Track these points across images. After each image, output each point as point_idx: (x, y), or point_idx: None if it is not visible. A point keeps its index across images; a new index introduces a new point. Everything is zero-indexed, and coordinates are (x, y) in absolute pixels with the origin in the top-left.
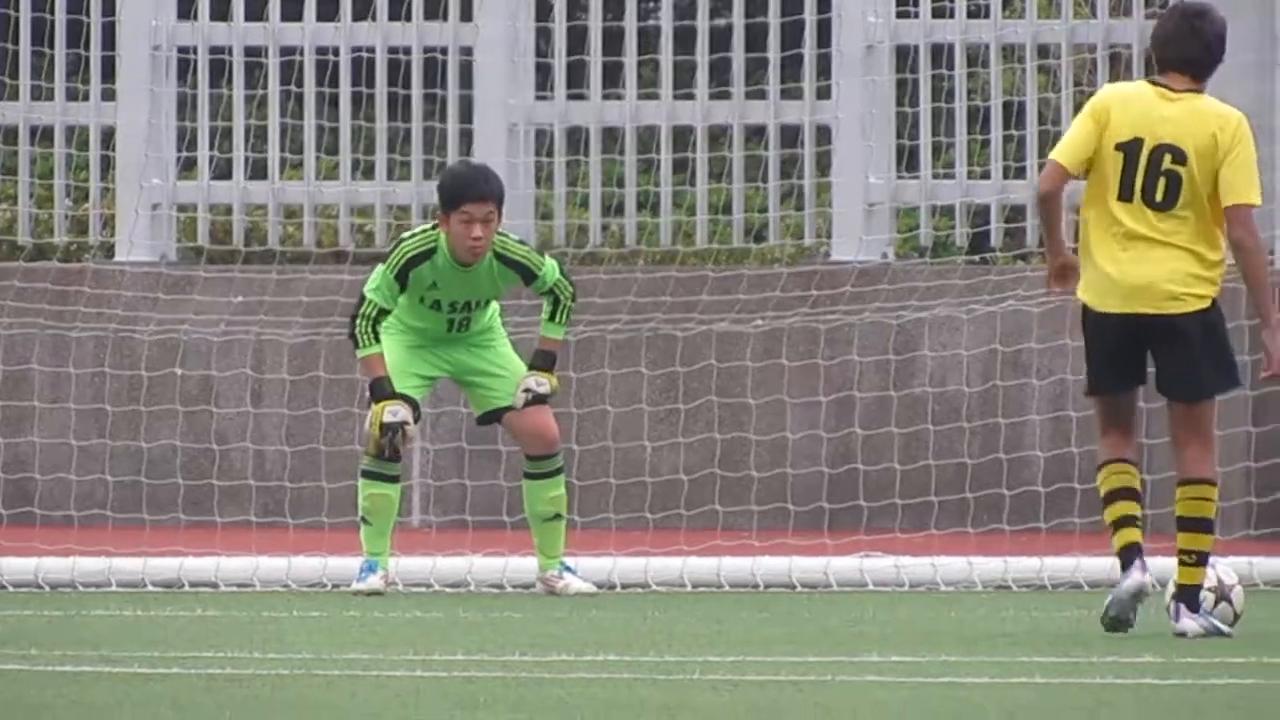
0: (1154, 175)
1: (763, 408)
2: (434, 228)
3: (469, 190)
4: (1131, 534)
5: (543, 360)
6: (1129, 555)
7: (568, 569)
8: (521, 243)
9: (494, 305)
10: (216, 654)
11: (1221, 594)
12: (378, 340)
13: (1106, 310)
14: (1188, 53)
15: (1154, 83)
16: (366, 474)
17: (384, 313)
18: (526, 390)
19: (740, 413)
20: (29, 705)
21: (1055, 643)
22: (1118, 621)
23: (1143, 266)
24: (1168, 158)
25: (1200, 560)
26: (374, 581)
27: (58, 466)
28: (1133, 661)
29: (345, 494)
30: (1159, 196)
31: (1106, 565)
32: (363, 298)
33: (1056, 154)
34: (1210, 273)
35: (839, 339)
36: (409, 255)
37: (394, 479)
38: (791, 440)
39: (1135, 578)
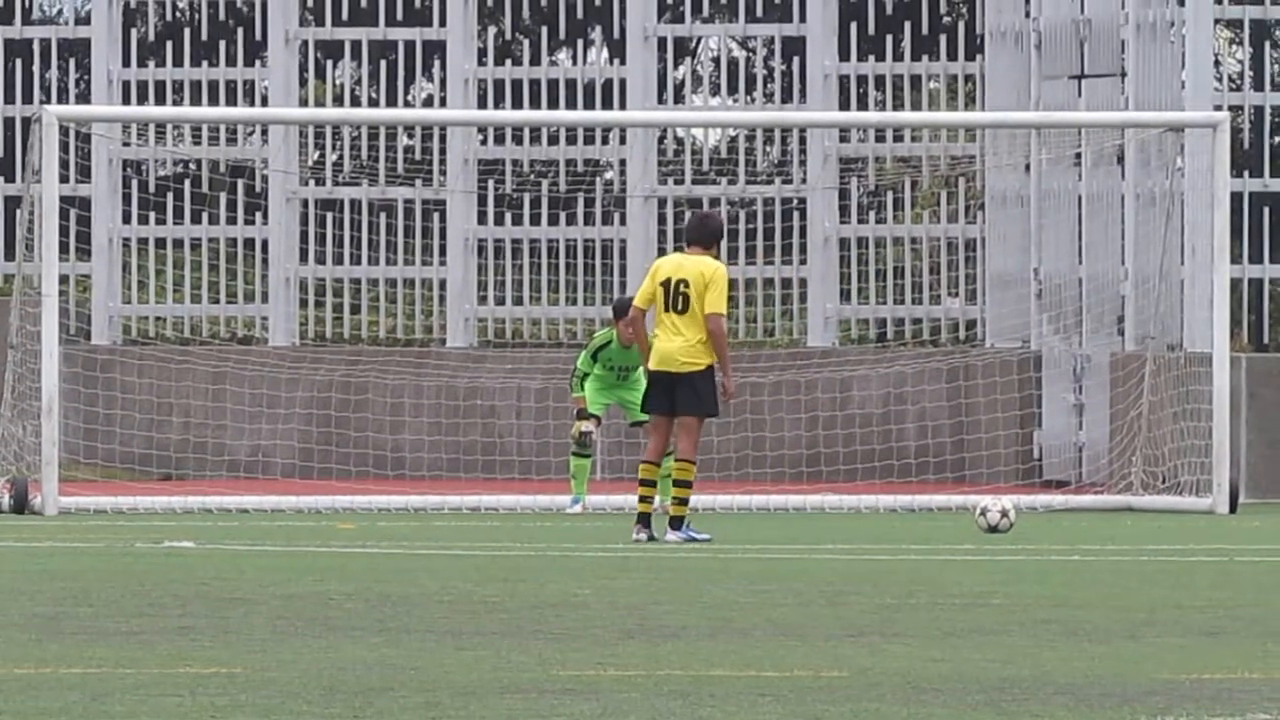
0: (678, 296)
1: (773, 421)
2: (609, 329)
3: (626, 309)
4: (645, 502)
5: None
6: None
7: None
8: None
9: (640, 368)
10: (493, 542)
11: (1006, 512)
12: (582, 387)
13: (655, 369)
14: (699, 238)
15: (682, 250)
16: (574, 452)
17: (586, 374)
18: None
19: (758, 423)
20: (397, 568)
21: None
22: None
23: (669, 345)
24: (683, 285)
25: (683, 502)
26: (577, 509)
27: (415, 447)
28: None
29: (563, 463)
30: (679, 306)
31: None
32: (575, 365)
33: (636, 300)
34: (703, 347)
35: (811, 383)
36: (599, 344)
37: (588, 455)
38: (787, 436)
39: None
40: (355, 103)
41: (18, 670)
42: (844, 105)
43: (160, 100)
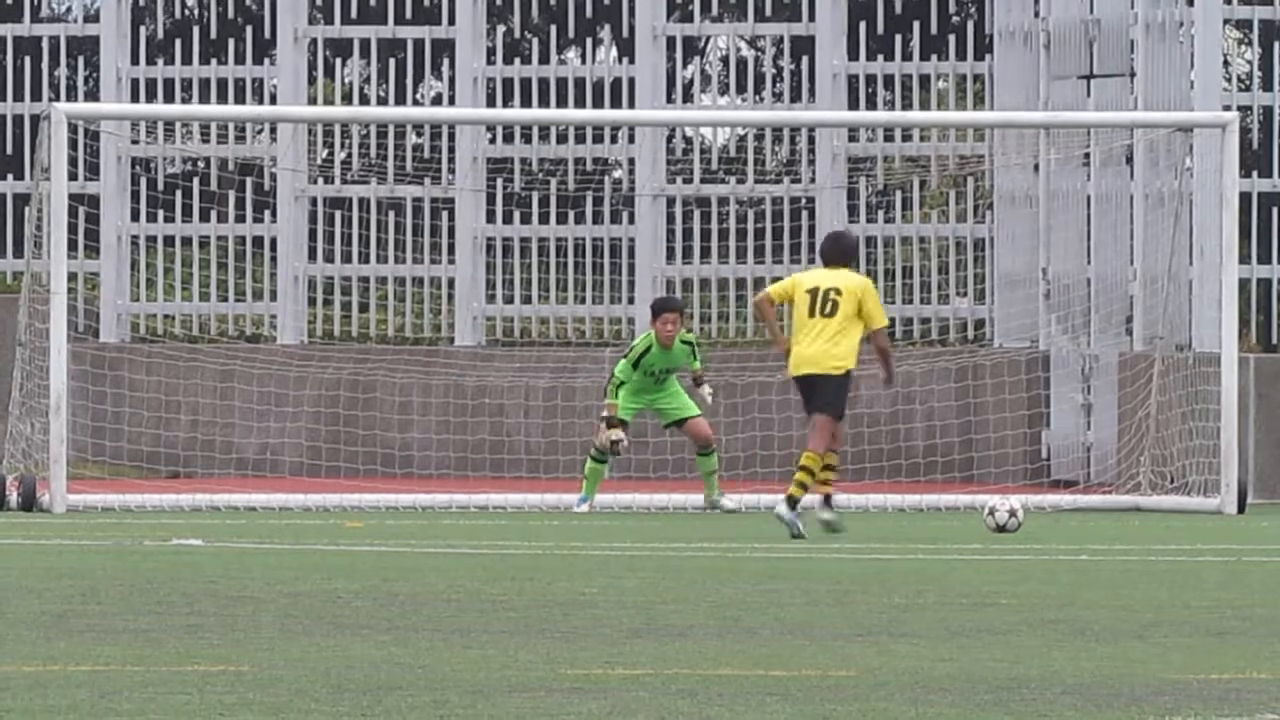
0: (827, 301)
1: (782, 420)
2: (647, 335)
3: (664, 307)
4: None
5: (703, 377)
6: (792, 499)
7: (721, 496)
8: (690, 333)
9: (675, 374)
10: (501, 540)
11: (1014, 512)
12: (617, 395)
13: (797, 374)
14: (835, 256)
15: (825, 267)
16: (593, 457)
17: (623, 382)
18: (709, 393)
19: (766, 422)
20: (405, 567)
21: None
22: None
23: (812, 349)
24: (833, 293)
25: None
26: (584, 508)
27: (424, 445)
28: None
29: (574, 463)
30: (827, 310)
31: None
32: (613, 374)
33: (770, 291)
34: (847, 352)
35: None
36: (640, 351)
37: (604, 461)
38: (795, 436)
39: (788, 515)
40: (364, 101)
41: (26, 668)
42: (853, 105)
43: (169, 98)
